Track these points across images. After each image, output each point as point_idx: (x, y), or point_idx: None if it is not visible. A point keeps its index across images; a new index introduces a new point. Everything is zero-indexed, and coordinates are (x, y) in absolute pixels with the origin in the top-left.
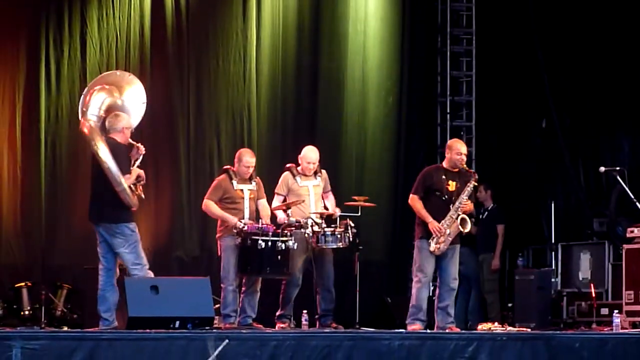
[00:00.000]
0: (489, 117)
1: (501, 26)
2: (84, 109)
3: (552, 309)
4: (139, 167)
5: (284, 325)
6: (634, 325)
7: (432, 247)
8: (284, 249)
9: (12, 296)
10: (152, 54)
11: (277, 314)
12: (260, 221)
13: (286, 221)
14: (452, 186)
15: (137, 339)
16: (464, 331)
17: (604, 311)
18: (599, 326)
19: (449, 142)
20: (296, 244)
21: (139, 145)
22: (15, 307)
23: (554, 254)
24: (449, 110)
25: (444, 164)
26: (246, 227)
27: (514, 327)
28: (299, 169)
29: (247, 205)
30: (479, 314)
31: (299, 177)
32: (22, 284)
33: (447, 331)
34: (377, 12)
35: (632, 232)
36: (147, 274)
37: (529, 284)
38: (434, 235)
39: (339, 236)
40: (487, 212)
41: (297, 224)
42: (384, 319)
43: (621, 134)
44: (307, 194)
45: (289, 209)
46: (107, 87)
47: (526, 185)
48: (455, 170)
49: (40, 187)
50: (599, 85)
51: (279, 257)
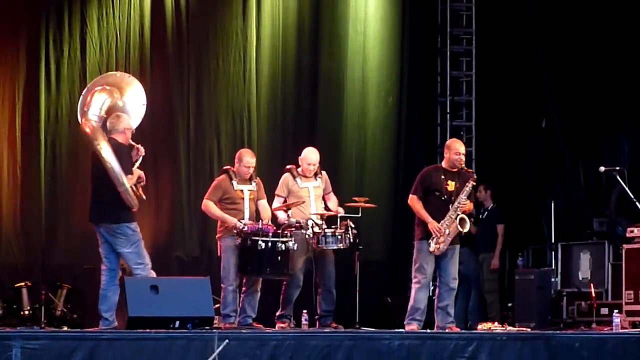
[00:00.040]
0: (488, 117)
1: (501, 26)
2: (85, 109)
3: (552, 309)
4: (138, 168)
5: (283, 325)
6: (633, 325)
7: (432, 248)
8: (284, 249)
9: (12, 296)
10: (152, 54)
11: (277, 314)
12: (260, 222)
13: (287, 222)
14: (451, 186)
15: (137, 338)
16: (463, 331)
17: (604, 311)
18: (599, 326)
19: (448, 142)
20: (296, 245)
21: (139, 146)
22: (15, 307)
23: (553, 253)
24: (448, 110)
25: (443, 164)
26: (246, 228)
27: (514, 326)
28: (299, 170)
29: (247, 205)
30: (479, 314)
31: (299, 179)
32: (22, 284)
33: (447, 331)
34: (377, 13)
35: (632, 231)
36: (150, 274)
37: (529, 284)
38: (434, 235)
39: (340, 237)
40: (487, 212)
41: (297, 224)
42: (384, 318)
43: (621, 134)
44: (307, 195)
45: (289, 209)
46: (108, 87)
47: (526, 185)
48: (454, 170)
49: (40, 187)
50: (599, 85)
51: (279, 258)
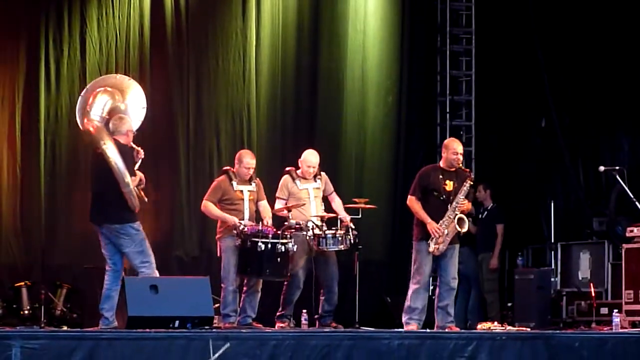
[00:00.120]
0: (488, 116)
1: (501, 26)
2: (87, 109)
3: (552, 309)
4: (138, 170)
5: (283, 324)
6: (633, 324)
7: (431, 248)
8: (283, 251)
9: (12, 295)
10: (152, 54)
11: (278, 314)
12: (260, 223)
13: (287, 222)
14: (449, 186)
15: (137, 338)
16: (463, 331)
17: (604, 310)
18: (599, 325)
19: (445, 141)
20: (296, 246)
21: (139, 149)
22: (14, 306)
23: (553, 253)
24: (448, 109)
25: (441, 164)
26: (246, 229)
27: (514, 326)
28: (299, 172)
29: (246, 206)
30: (479, 314)
31: (299, 180)
32: (22, 284)
33: (446, 330)
34: (376, 12)
35: (631, 231)
36: (154, 273)
37: (529, 284)
38: (433, 236)
39: (340, 239)
40: (486, 212)
41: (297, 226)
42: (384, 318)
43: (621, 134)
44: (307, 197)
45: (289, 212)
46: (109, 89)
47: (526, 184)
48: (452, 169)
49: (39, 186)
50: (599, 85)
51: (278, 260)
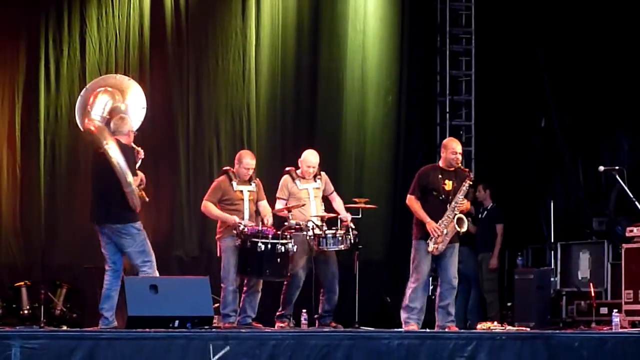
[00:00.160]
0: (488, 116)
1: (501, 26)
2: (88, 109)
3: (552, 309)
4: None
5: (283, 324)
6: (633, 324)
7: (431, 248)
8: (283, 251)
9: (12, 295)
10: (152, 54)
11: (277, 314)
12: (260, 223)
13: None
14: (448, 185)
15: (137, 338)
16: (463, 330)
17: (603, 310)
18: (598, 325)
19: (444, 141)
20: (296, 247)
21: (139, 149)
22: (14, 306)
23: (553, 253)
24: (448, 109)
25: (440, 164)
26: (246, 229)
27: (513, 326)
28: (299, 172)
29: (246, 206)
30: (478, 313)
31: (299, 180)
32: (22, 283)
33: (446, 330)
34: (376, 12)
35: (631, 231)
36: (155, 272)
37: (529, 284)
38: (432, 235)
39: (340, 238)
40: (486, 212)
41: (297, 227)
42: (384, 318)
43: (621, 134)
44: (307, 197)
45: (290, 212)
46: (109, 89)
47: (526, 184)
48: (451, 169)
49: (39, 186)
50: (599, 85)
51: (278, 260)
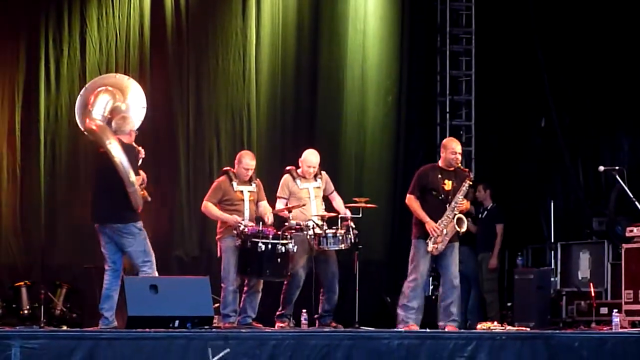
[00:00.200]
0: (488, 116)
1: (501, 26)
2: (89, 109)
3: (552, 308)
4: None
5: (283, 324)
6: (633, 324)
7: (430, 247)
8: (283, 251)
9: (12, 295)
10: (152, 54)
11: (277, 314)
12: (260, 224)
13: (287, 223)
14: (448, 185)
15: (137, 338)
16: (463, 330)
17: (603, 310)
18: (598, 325)
19: (444, 141)
20: (296, 247)
21: (140, 148)
22: (14, 306)
23: (553, 253)
24: (448, 109)
25: (440, 163)
26: (246, 229)
27: (513, 326)
28: (299, 171)
29: (247, 207)
30: (478, 313)
31: (299, 180)
32: (22, 283)
33: (446, 330)
34: (376, 11)
35: (631, 231)
36: (155, 272)
37: (529, 284)
38: (431, 235)
39: (341, 238)
40: (486, 212)
41: (297, 227)
42: (384, 318)
43: (621, 134)
44: (307, 197)
45: (290, 212)
46: (110, 89)
47: (526, 184)
48: (450, 169)
49: (39, 186)
50: (599, 85)
51: (278, 260)
